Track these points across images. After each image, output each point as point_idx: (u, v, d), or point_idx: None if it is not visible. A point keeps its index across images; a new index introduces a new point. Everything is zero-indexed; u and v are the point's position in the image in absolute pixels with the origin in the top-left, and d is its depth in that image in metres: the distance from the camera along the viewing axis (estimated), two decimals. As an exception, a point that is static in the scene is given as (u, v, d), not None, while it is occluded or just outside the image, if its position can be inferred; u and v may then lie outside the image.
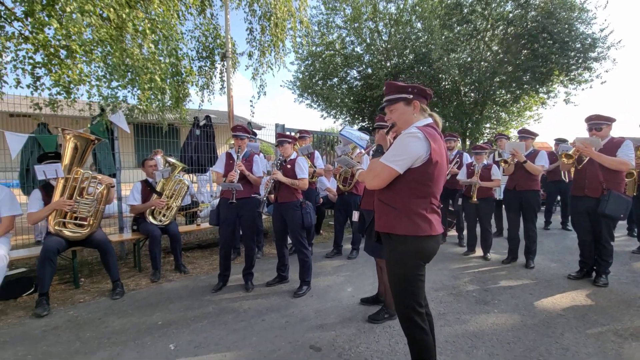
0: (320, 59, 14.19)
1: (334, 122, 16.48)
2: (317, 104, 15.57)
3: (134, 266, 4.17)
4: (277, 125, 5.84)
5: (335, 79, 15.21)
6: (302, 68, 14.78)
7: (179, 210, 4.43)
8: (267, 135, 6.49)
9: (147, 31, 4.40)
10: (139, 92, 4.37)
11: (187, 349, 2.30)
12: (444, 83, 13.21)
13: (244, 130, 3.36)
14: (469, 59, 12.53)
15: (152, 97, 4.34)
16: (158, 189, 4.02)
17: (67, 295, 3.32)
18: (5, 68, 4.54)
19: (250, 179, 3.31)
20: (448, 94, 13.38)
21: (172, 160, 4.12)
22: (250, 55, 6.72)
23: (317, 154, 4.75)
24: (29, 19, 4.34)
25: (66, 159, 3.12)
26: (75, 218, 3.20)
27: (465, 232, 4.96)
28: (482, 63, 12.39)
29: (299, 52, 13.09)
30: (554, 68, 10.82)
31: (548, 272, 3.84)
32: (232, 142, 3.57)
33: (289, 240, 3.57)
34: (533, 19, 10.62)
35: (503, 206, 4.83)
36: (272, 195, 3.53)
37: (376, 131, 3.07)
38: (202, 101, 6.60)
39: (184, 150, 5.64)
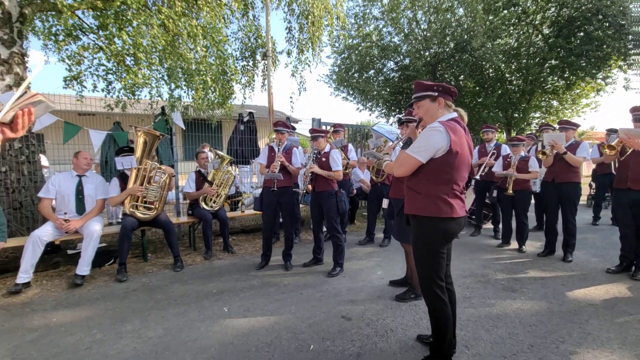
0: (356, 52, 14.20)
1: (370, 114, 16.44)
2: (353, 96, 15.65)
3: (189, 245, 4.77)
4: (313, 120, 6.15)
5: (372, 71, 15.13)
6: (339, 61, 14.91)
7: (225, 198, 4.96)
8: (304, 129, 6.85)
9: (200, 37, 4.90)
10: (192, 92, 4.92)
11: (237, 311, 2.73)
12: (487, 71, 12.58)
13: (285, 125, 3.71)
14: (516, 45, 11.79)
15: (204, 96, 4.86)
16: (209, 178, 4.54)
17: (139, 266, 3.96)
18: (85, 75, 5.33)
19: (289, 170, 3.67)
20: (491, 83, 12.73)
21: (221, 153, 4.62)
22: (289, 53, 7.08)
23: (350, 146, 4.99)
24: (102, 32, 5.05)
25: (138, 152, 3.71)
26: (145, 202, 3.79)
27: (501, 225, 4.93)
28: (531, 48, 11.60)
29: (335, 45, 13.26)
30: (611, 53, 9.86)
31: (586, 266, 3.76)
32: (274, 136, 3.95)
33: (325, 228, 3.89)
34: (587, 0, 9.74)
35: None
36: (310, 186, 3.86)
37: (406, 124, 3.27)
38: (245, 98, 7.11)
39: (230, 144, 6.17)
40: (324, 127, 6.11)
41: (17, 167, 3.94)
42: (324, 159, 3.59)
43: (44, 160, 5.36)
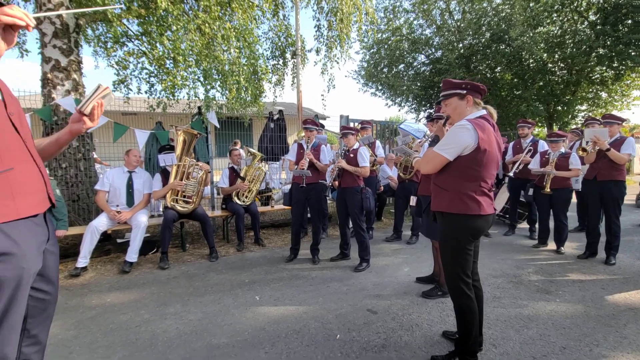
0: (385, 46, 13.99)
1: (399, 110, 16.22)
2: (382, 92, 15.46)
3: (223, 237, 5.05)
4: (341, 117, 6.21)
5: (402, 66, 14.85)
6: (367, 57, 14.78)
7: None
8: (332, 126, 6.93)
9: (233, 38, 5.13)
10: (227, 92, 5.18)
11: (268, 300, 2.90)
12: (526, 62, 11.88)
13: (313, 123, 3.82)
14: (559, 33, 11.01)
15: (237, 95, 5.09)
16: (242, 174, 4.77)
17: (178, 256, 4.27)
18: (130, 78, 5.76)
19: (317, 167, 3.78)
20: (531, 74, 12.01)
21: (252, 150, 4.83)
22: (318, 51, 7.18)
23: (377, 143, 5.01)
24: (145, 38, 5.43)
25: (178, 149, 3.99)
26: (184, 196, 4.08)
27: (537, 225, 4.71)
28: (576, 37, 10.79)
29: (364, 41, 13.15)
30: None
31: (630, 270, 3.53)
32: (303, 133, 4.07)
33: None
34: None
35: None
36: (336, 182, 3.95)
37: (435, 121, 3.25)
38: (275, 96, 7.31)
39: (261, 141, 6.41)
40: (352, 124, 6.15)
41: (75, 164, 4.40)
42: (352, 156, 3.66)
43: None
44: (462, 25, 12.87)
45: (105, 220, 3.72)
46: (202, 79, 5.37)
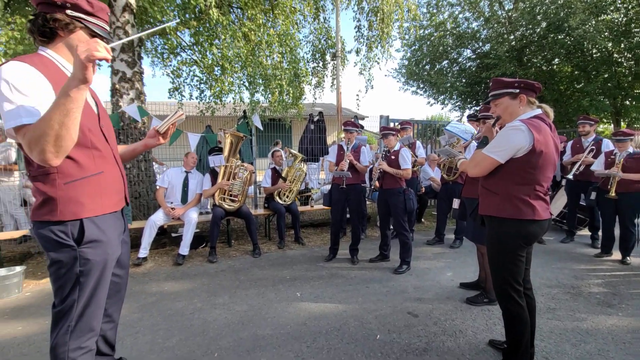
0: (428, 42, 13.52)
1: (442, 108, 15.56)
2: (424, 90, 14.95)
3: (265, 235, 5.28)
4: (381, 117, 6.15)
5: (445, 62, 14.24)
6: (409, 54, 14.39)
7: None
8: (371, 126, 6.88)
9: (276, 44, 5.34)
10: (269, 95, 5.40)
11: (309, 297, 3.00)
12: (589, 52, 10.75)
13: (353, 125, 3.85)
14: (624, 21, 9.80)
15: (280, 98, 5.30)
16: (283, 175, 4.95)
17: (225, 251, 4.55)
18: (183, 86, 6.24)
19: (357, 168, 3.80)
20: (595, 65, 10.84)
21: (294, 152, 4.99)
22: (357, 52, 7.18)
23: (418, 143, 4.89)
24: (197, 47, 5.85)
25: (225, 151, 4.26)
26: (230, 195, 4.34)
27: (600, 232, 4.28)
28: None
29: (405, 38, 12.84)
30: None
31: None
32: (343, 135, 4.12)
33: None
34: None
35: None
36: (377, 183, 3.93)
37: (482, 121, 3.11)
38: (315, 98, 7.45)
39: (301, 142, 6.57)
40: (391, 125, 6.07)
41: (137, 165, 4.88)
42: (393, 157, 3.63)
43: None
44: (514, 15, 12.00)
45: (162, 215, 4.09)
46: (246, 83, 5.67)
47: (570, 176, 4.27)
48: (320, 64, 7.34)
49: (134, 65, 4.70)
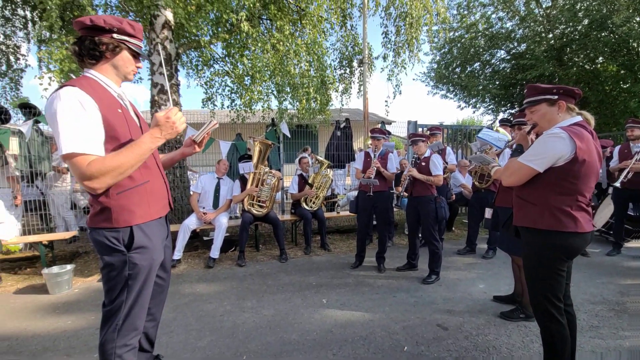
0: (458, 45, 13.14)
1: (474, 112, 15.00)
2: (454, 93, 14.51)
3: (291, 240, 5.35)
4: (409, 123, 6.06)
5: (477, 64, 13.74)
6: (438, 57, 14.06)
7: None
8: (398, 130, 6.78)
9: (303, 53, 5.45)
10: (297, 103, 5.51)
11: (335, 304, 3.00)
12: (635, 51, 9.91)
13: (381, 132, 3.83)
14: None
15: (307, 106, 5.39)
16: (310, 181, 5.01)
17: (252, 255, 4.67)
18: (216, 95, 6.52)
19: (384, 175, 3.77)
20: (644, 63, 9.95)
21: (320, 158, 5.04)
22: (385, 58, 7.13)
23: (448, 149, 4.76)
24: (228, 59, 6.10)
25: (254, 158, 4.40)
26: (259, 201, 4.46)
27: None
28: None
29: (434, 41, 12.58)
30: None
31: None
32: (369, 141, 4.11)
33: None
34: None
35: None
36: (405, 192, 3.87)
37: (516, 127, 2.98)
38: (342, 105, 7.49)
39: (328, 149, 6.62)
40: (420, 130, 5.95)
41: (173, 171, 5.16)
42: (423, 164, 3.57)
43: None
44: (552, 13, 11.36)
45: (195, 220, 4.28)
46: (275, 92, 5.83)
47: (617, 184, 3.95)
48: (347, 71, 7.38)
49: (172, 77, 4.99)
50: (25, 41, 6.72)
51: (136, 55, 1.43)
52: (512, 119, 3.05)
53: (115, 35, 1.33)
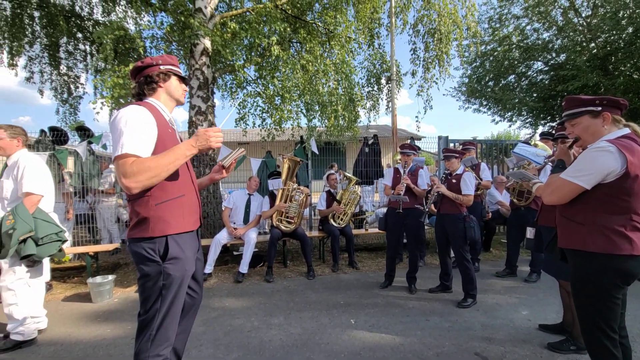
0: (491, 58, 12.81)
1: (510, 125, 14.30)
2: (487, 107, 14.03)
3: (319, 257, 5.30)
4: (440, 138, 5.91)
5: (512, 77, 13.27)
6: (469, 71, 13.77)
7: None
8: (428, 146, 6.62)
9: (332, 72, 5.59)
10: (325, 120, 5.61)
11: (363, 325, 2.89)
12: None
13: (411, 147, 3.77)
14: None
15: (335, 123, 5.46)
16: (338, 197, 5.00)
17: (280, 271, 4.68)
18: (247, 115, 6.80)
19: (415, 192, 3.67)
20: None
21: (348, 175, 5.04)
22: (414, 74, 7.12)
23: (483, 165, 4.55)
24: (260, 81, 6.39)
25: (283, 175, 4.49)
26: (287, 217, 4.51)
27: None
28: None
29: (465, 55, 12.39)
30: None
31: None
32: (398, 157, 4.05)
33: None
34: None
35: None
36: (433, 207, 3.73)
37: (559, 141, 2.81)
38: (370, 121, 7.51)
39: (356, 165, 6.60)
40: (451, 145, 5.78)
41: (206, 187, 5.40)
42: (454, 181, 3.43)
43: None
44: (593, 22, 10.79)
45: (226, 234, 4.40)
46: (304, 110, 5.98)
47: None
48: (375, 88, 7.43)
49: (208, 100, 5.31)
50: (84, 72, 7.54)
51: (182, 80, 1.67)
52: (554, 132, 2.87)
53: (162, 67, 1.58)
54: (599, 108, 1.63)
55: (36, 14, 6.50)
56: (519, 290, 3.74)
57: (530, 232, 2.97)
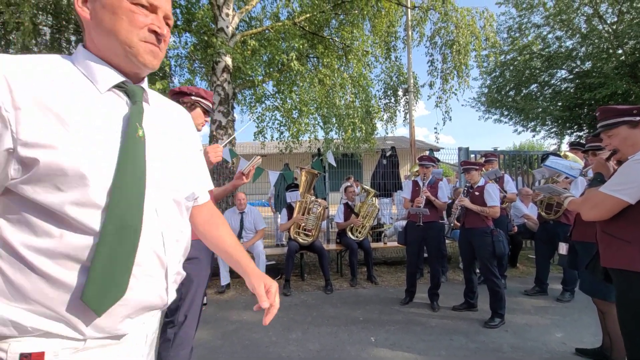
0: (511, 67, 12.55)
1: (533, 135, 13.85)
2: (509, 117, 13.66)
3: (336, 271, 5.22)
4: (459, 150, 5.78)
5: (534, 86, 12.91)
6: (488, 82, 13.53)
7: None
8: (448, 157, 6.49)
9: (349, 85, 5.64)
10: (342, 133, 5.63)
11: (384, 344, 2.79)
12: None
13: (429, 159, 3.70)
14: None
15: (353, 135, 5.47)
16: (356, 210, 4.94)
17: (298, 284, 4.62)
18: (266, 129, 6.93)
19: (436, 204, 3.57)
20: None
21: (366, 187, 4.99)
22: (431, 85, 7.07)
23: (506, 177, 4.39)
24: (278, 95, 6.53)
25: (301, 187, 4.50)
26: (305, 229, 4.49)
27: None
28: None
29: (483, 66, 12.22)
30: None
31: None
32: (416, 169, 3.98)
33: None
34: None
35: None
36: (457, 222, 3.60)
37: (590, 153, 2.68)
38: (387, 133, 7.47)
39: (374, 177, 6.54)
40: (472, 157, 5.64)
41: (225, 199, 5.49)
42: (477, 193, 3.32)
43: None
44: (619, 28, 10.42)
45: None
46: (321, 123, 6.04)
47: None
48: (392, 100, 7.42)
49: (228, 114, 5.47)
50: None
51: (206, 112, 1.87)
52: (583, 142, 2.73)
53: (193, 97, 1.79)
54: (638, 118, 1.54)
55: (73, 37, 6.98)
56: (550, 310, 3.51)
57: (562, 248, 2.81)
